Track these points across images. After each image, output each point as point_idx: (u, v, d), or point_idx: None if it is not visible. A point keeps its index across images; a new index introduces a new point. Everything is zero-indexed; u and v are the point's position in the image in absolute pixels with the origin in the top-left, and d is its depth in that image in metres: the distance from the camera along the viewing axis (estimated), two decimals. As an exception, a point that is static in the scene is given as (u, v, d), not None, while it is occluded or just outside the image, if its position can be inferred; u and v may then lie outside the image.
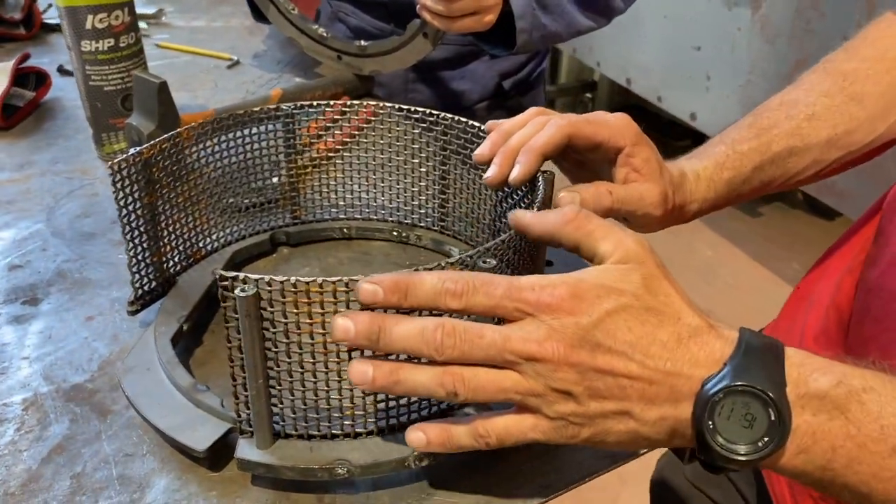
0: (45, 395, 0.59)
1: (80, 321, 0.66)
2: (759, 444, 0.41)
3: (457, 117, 0.68)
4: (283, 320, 0.47)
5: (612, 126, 0.59)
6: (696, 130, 2.61)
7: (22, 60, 1.03)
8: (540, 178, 0.59)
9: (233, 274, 0.45)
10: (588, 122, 0.59)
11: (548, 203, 0.61)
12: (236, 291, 0.45)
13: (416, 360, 0.45)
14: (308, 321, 0.47)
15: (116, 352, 0.62)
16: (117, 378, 0.58)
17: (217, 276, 0.46)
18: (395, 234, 0.76)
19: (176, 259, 0.67)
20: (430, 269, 0.45)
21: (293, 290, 0.46)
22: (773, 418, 0.41)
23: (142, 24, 1.29)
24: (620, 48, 2.86)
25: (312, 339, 0.47)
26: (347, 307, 0.47)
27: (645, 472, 0.90)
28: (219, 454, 0.52)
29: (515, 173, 0.57)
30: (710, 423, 0.41)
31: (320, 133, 0.75)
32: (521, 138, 0.59)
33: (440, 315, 0.44)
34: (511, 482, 0.52)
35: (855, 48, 0.69)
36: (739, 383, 0.41)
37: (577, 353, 0.41)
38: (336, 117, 0.73)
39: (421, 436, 0.46)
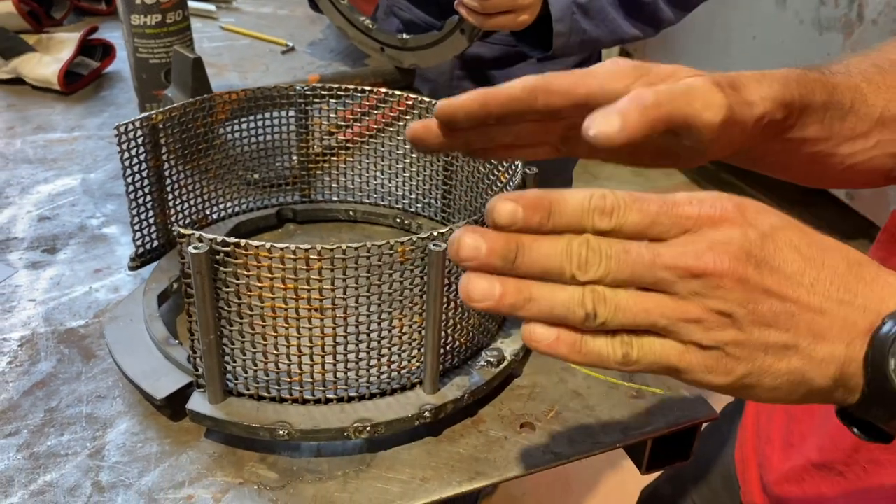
0: (41, 335, 0.63)
1: (88, 272, 0.71)
2: None
3: (460, 109, 0.69)
4: (235, 281, 0.49)
5: (599, 74, 0.47)
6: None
7: (89, 33, 1.10)
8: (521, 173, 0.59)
9: (189, 231, 0.48)
10: (561, 76, 0.46)
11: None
12: (190, 248, 0.48)
13: None
14: (258, 284, 0.49)
15: (114, 303, 0.66)
16: (103, 324, 0.62)
17: (177, 233, 0.48)
18: (398, 220, 0.77)
19: (182, 223, 0.70)
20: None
21: (244, 252, 0.48)
22: None
23: (211, 7, 1.36)
24: (704, 66, 2.78)
25: (262, 301, 0.50)
26: (295, 274, 0.49)
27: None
28: (180, 406, 0.55)
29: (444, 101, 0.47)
30: (893, 361, 0.35)
31: (342, 122, 0.78)
32: None
33: None
34: (447, 466, 0.53)
35: None
36: None
37: (743, 267, 0.36)
38: (360, 107, 0.75)
39: (551, 333, 0.38)
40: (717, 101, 0.43)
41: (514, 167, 0.62)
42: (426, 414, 0.53)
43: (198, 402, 0.53)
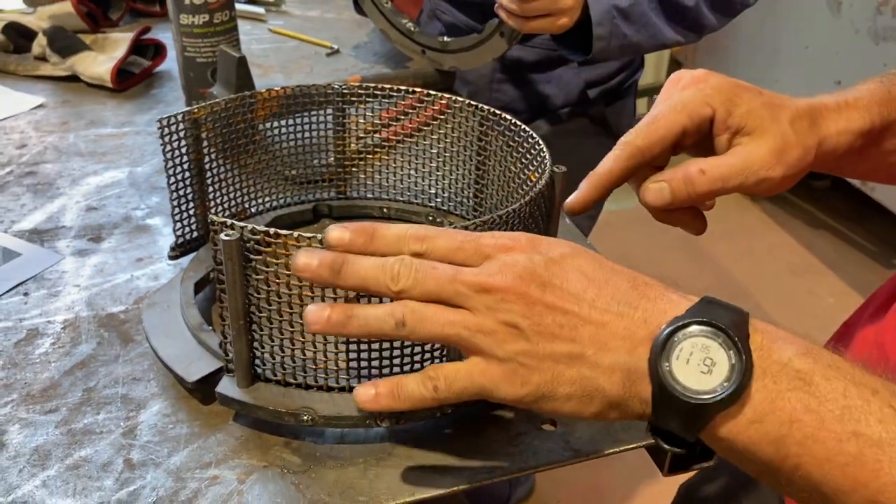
0: (83, 319, 0.66)
1: (130, 261, 0.73)
2: (719, 388, 0.38)
3: (493, 110, 0.70)
4: (265, 268, 0.51)
5: (686, 103, 0.51)
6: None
7: (142, 32, 1.14)
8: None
9: (221, 219, 0.50)
10: (653, 124, 0.51)
11: (556, 201, 0.62)
12: (222, 235, 0.49)
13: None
14: (286, 272, 0.50)
15: (153, 291, 0.69)
16: (141, 310, 0.64)
17: (210, 221, 0.50)
18: (430, 218, 0.79)
19: (221, 215, 0.72)
20: None
21: (273, 240, 0.49)
22: (733, 361, 0.38)
23: (260, 10, 1.39)
24: (754, 75, 2.75)
25: (290, 289, 0.51)
26: (321, 263, 0.50)
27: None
28: (211, 390, 0.56)
29: (570, 199, 0.55)
30: (667, 363, 0.39)
31: (381, 122, 0.79)
32: None
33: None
34: (466, 458, 0.54)
35: None
36: (699, 319, 0.39)
37: (525, 285, 0.41)
38: (397, 108, 0.77)
39: (370, 390, 0.45)
40: (774, 175, 0.49)
41: (543, 166, 0.62)
42: (447, 406, 0.54)
43: (227, 386, 0.55)
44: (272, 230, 0.49)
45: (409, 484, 0.52)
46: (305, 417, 0.53)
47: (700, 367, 0.38)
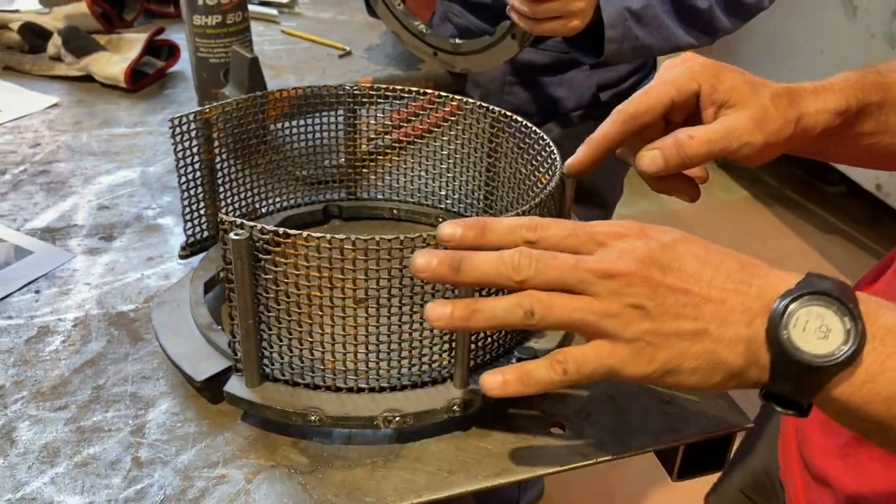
0: (94, 317, 0.66)
1: (141, 260, 0.74)
2: (837, 352, 0.41)
3: (505, 112, 0.70)
4: (274, 268, 0.51)
5: (675, 79, 0.56)
6: (846, 175, 2.45)
7: (156, 33, 1.14)
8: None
9: (231, 218, 0.50)
10: (644, 94, 0.56)
11: (567, 203, 0.62)
12: (231, 234, 0.49)
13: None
14: (295, 271, 0.51)
15: (163, 290, 0.69)
16: (151, 309, 0.65)
17: (220, 220, 0.50)
18: (440, 219, 0.78)
19: (231, 215, 0.72)
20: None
21: (282, 239, 0.49)
22: (848, 327, 0.41)
23: (273, 11, 1.39)
24: (768, 78, 2.73)
25: (298, 289, 0.51)
26: (330, 263, 0.50)
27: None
28: (219, 389, 0.56)
29: (569, 161, 0.59)
30: (785, 332, 0.41)
31: (393, 123, 0.79)
32: None
33: None
34: (474, 460, 0.54)
35: None
36: (813, 290, 0.41)
37: (647, 269, 0.43)
38: (408, 109, 0.77)
39: (497, 377, 0.46)
40: (755, 140, 0.54)
41: (553, 169, 0.62)
42: (455, 408, 0.54)
43: (235, 386, 0.55)
44: (281, 230, 0.49)
45: (416, 486, 0.51)
46: (313, 418, 0.53)
47: (816, 333, 0.41)
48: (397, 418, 0.53)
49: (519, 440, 0.55)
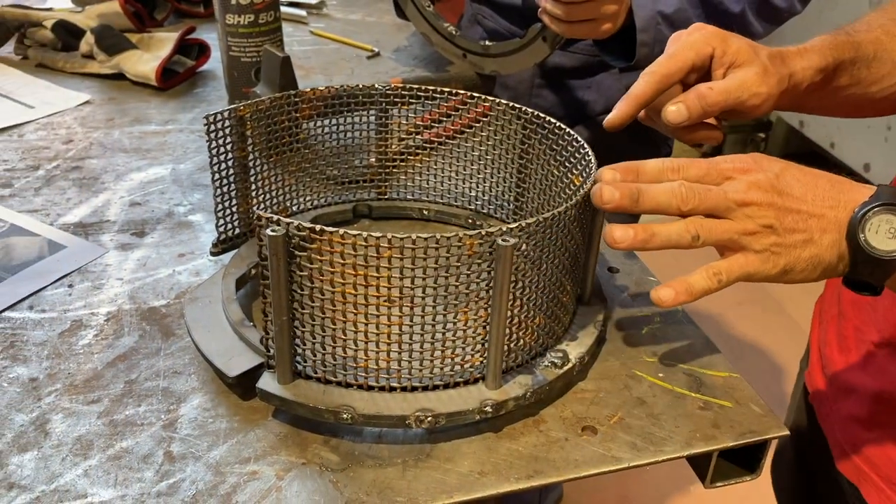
0: (126, 312, 0.66)
1: (172, 256, 0.74)
2: None
3: (537, 113, 0.70)
4: (309, 265, 0.51)
5: (693, 43, 0.65)
6: (867, 180, 2.42)
7: (187, 33, 1.15)
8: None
9: (268, 215, 0.50)
10: (671, 57, 0.65)
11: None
12: (268, 231, 0.49)
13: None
14: (330, 269, 0.50)
15: (194, 286, 0.69)
16: (183, 305, 0.65)
17: (255, 216, 0.50)
18: (469, 221, 0.78)
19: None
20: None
21: (318, 237, 0.49)
22: None
23: (302, 13, 1.40)
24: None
25: (333, 287, 0.51)
26: (365, 261, 0.50)
27: None
28: (250, 386, 0.56)
29: (609, 117, 0.66)
30: (862, 235, 0.53)
31: (424, 123, 0.79)
32: None
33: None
34: (505, 462, 0.53)
35: None
36: (881, 202, 0.52)
37: (770, 196, 0.54)
38: (440, 110, 0.76)
39: (669, 291, 0.56)
40: (762, 91, 0.64)
41: (587, 170, 0.62)
42: (487, 409, 0.54)
43: (267, 382, 0.55)
44: (318, 227, 0.49)
45: (448, 486, 0.51)
46: (345, 416, 0.52)
47: (887, 234, 0.52)
48: (429, 418, 0.53)
49: (550, 443, 0.55)
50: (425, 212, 0.80)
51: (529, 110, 0.70)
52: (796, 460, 0.89)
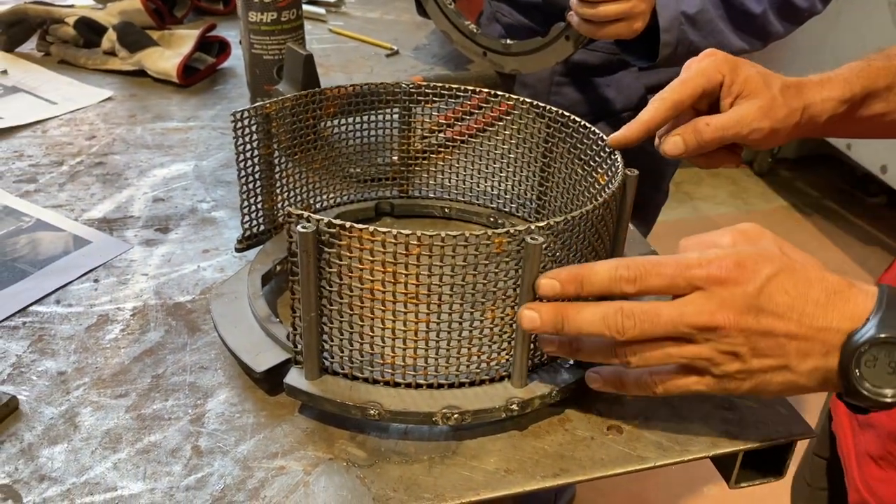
0: (151, 307, 0.67)
1: (197, 252, 0.74)
2: None
3: (561, 112, 0.70)
4: (338, 262, 0.51)
5: (704, 69, 0.63)
6: (887, 185, 2.41)
7: (208, 30, 1.16)
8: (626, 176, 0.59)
9: (299, 211, 0.50)
10: (683, 84, 0.63)
11: (627, 204, 0.61)
12: (298, 227, 0.50)
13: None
14: (359, 266, 0.51)
15: (219, 281, 0.70)
16: (209, 300, 0.65)
17: (286, 213, 0.51)
18: (491, 219, 0.78)
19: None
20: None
21: (347, 234, 0.50)
22: None
23: (321, 11, 1.40)
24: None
25: (362, 283, 0.51)
26: (394, 258, 0.50)
27: None
28: (277, 381, 0.57)
29: (615, 135, 0.64)
30: (857, 371, 0.45)
31: (446, 121, 0.79)
32: None
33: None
34: (531, 460, 0.53)
35: None
36: (883, 335, 0.45)
37: (745, 319, 0.46)
38: (462, 108, 0.77)
39: (596, 375, 0.53)
40: (763, 126, 0.61)
41: (613, 169, 0.62)
42: (513, 406, 0.54)
43: (295, 378, 0.55)
44: (348, 223, 0.49)
45: (474, 483, 0.51)
46: (373, 412, 0.53)
47: (886, 369, 0.45)
48: (456, 415, 0.53)
49: (576, 441, 0.55)
50: (447, 210, 0.80)
51: (553, 108, 0.70)
52: (815, 482, 0.88)
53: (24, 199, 0.82)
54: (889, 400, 0.46)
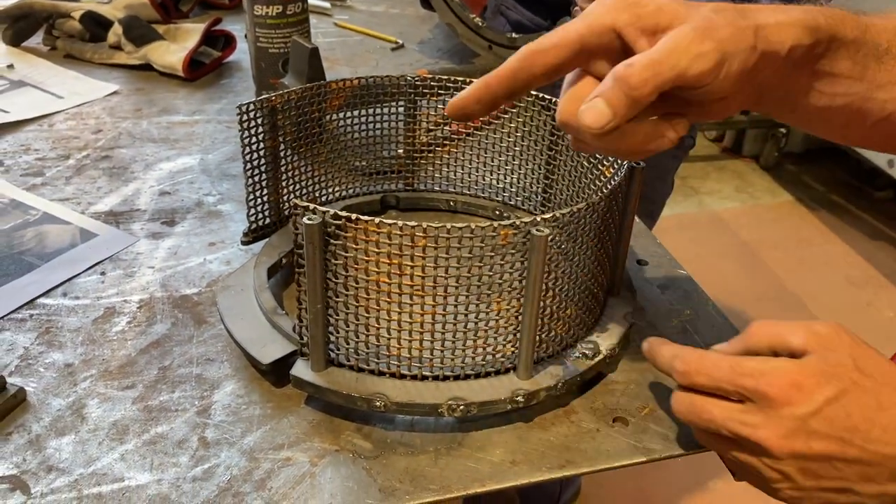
0: (158, 300, 0.67)
1: (203, 245, 0.75)
2: None
3: (567, 104, 0.69)
4: (344, 254, 0.51)
5: (584, 15, 0.47)
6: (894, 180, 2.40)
7: (213, 24, 1.16)
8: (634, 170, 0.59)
9: (305, 203, 0.50)
10: (550, 34, 0.48)
11: (634, 196, 0.61)
12: (304, 219, 0.50)
13: None
14: (365, 258, 0.51)
15: (225, 274, 0.70)
16: (215, 293, 0.65)
17: (292, 205, 0.51)
18: (496, 212, 0.78)
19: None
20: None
21: (353, 226, 0.50)
22: None
23: (326, 4, 1.40)
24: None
25: (367, 275, 0.51)
26: (400, 250, 0.50)
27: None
28: (284, 373, 0.57)
29: (451, 100, 0.51)
30: None
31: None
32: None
33: None
34: (537, 452, 0.53)
35: None
36: None
37: (790, 443, 0.44)
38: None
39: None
40: (705, 49, 0.43)
41: (618, 161, 0.62)
42: (519, 398, 0.54)
43: (301, 369, 0.55)
44: (354, 215, 0.49)
45: (480, 474, 0.51)
46: (378, 403, 0.53)
47: None
48: (461, 407, 0.53)
49: (582, 433, 0.55)
50: (452, 203, 0.80)
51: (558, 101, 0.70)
52: None
53: (30, 193, 0.82)
54: None
